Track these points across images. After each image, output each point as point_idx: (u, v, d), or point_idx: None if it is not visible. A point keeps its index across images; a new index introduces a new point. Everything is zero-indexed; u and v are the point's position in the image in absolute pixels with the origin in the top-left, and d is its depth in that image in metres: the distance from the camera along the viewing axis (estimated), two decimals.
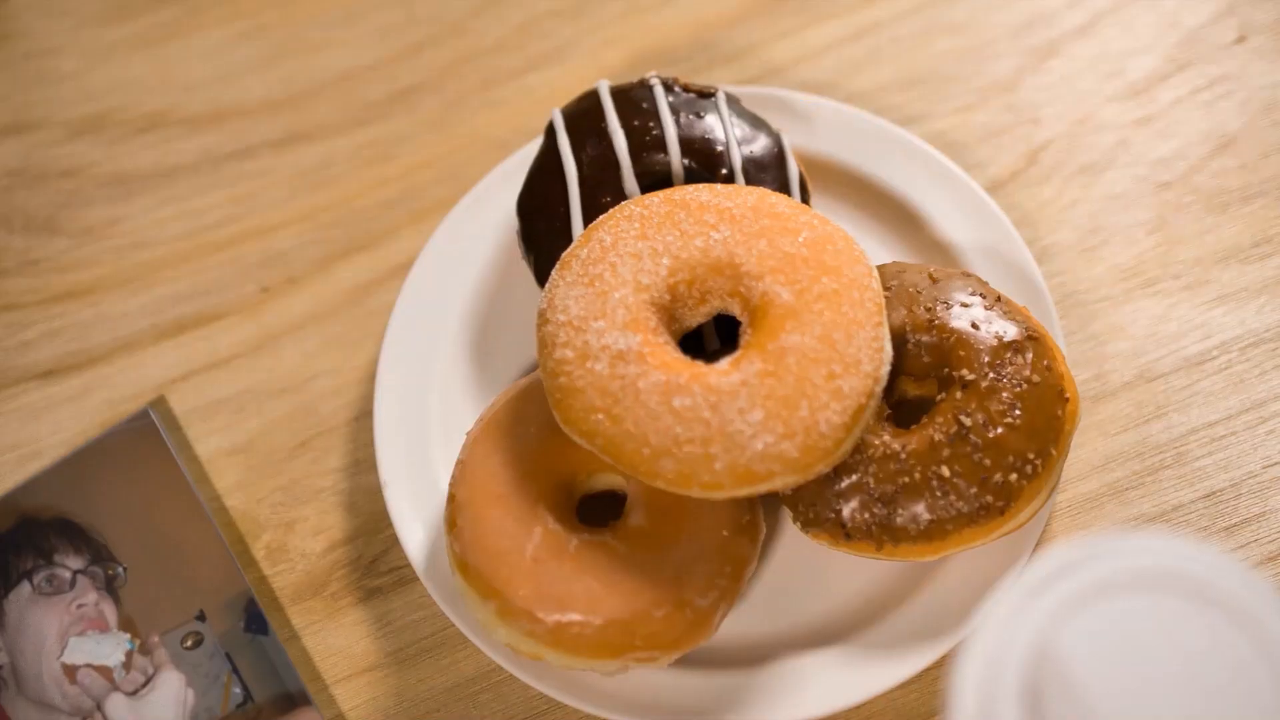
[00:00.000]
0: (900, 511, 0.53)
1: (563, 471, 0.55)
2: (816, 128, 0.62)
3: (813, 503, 0.54)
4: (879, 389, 0.52)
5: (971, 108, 0.64)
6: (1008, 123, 0.64)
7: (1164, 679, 0.38)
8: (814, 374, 0.51)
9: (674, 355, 0.53)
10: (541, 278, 0.59)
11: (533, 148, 0.63)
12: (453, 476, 0.56)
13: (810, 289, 0.52)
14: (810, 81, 0.65)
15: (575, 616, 0.52)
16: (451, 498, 0.55)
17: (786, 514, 0.57)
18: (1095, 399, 0.59)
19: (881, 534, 0.54)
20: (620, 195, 0.58)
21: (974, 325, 0.55)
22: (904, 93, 0.64)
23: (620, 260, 0.54)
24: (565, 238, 0.58)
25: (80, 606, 0.60)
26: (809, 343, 0.52)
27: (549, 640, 0.53)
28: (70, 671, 0.59)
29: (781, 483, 0.52)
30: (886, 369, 0.53)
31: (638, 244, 0.54)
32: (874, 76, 0.65)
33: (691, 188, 0.55)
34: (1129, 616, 0.39)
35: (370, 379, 0.62)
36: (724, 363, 0.52)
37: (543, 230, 0.59)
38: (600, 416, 0.52)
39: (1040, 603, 0.39)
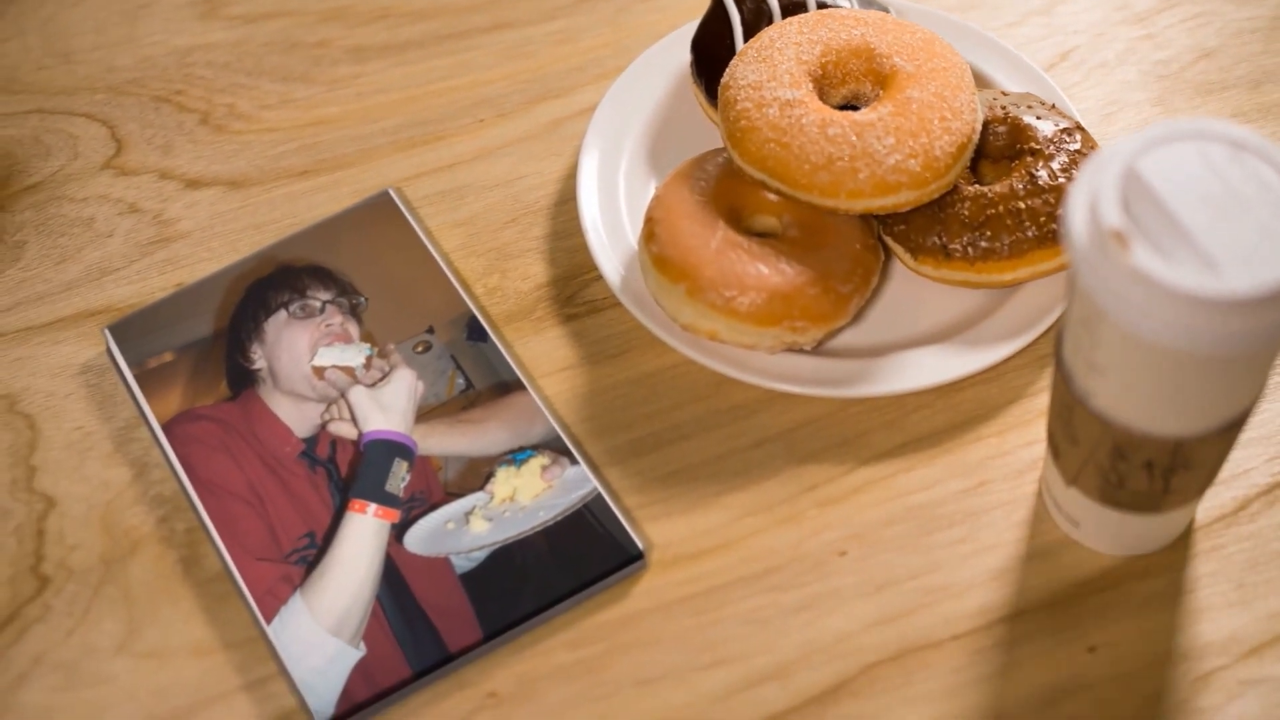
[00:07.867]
0: (988, 234, 0.71)
1: (734, 205, 0.73)
2: (909, 20, 0.83)
3: (921, 234, 0.72)
4: (975, 139, 0.71)
5: (1016, 24, 0.85)
6: (1044, 34, 0.85)
7: (1212, 191, 0.56)
8: (930, 115, 0.70)
9: (825, 105, 0.72)
10: (711, 97, 0.78)
11: (687, 30, 0.83)
12: (648, 208, 0.73)
13: (925, 64, 0.72)
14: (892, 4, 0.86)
15: (749, 290, 0.69)
16: (648, 220, 0.73)
17: (895, 266, 0.75)
18: None
19: (974, 254, 0.72)
20: None
21: (1038, 118, 0.74)
22: (964, 13, 0.86)
23: (785, 46, 0.73)
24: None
25: (328, 326, 0.76)
26: (926, 96, 0.71)
27: (726, 311, 0.70)
28: (319, 371, 0.74)
29: (906, 197, 0.70)
30: (979, 126, 0.72)
31: (797, 36, 0.73)
32: (941, 1, 0.86)
33: (835, 9, 0.75)
34: (1188, 153, 0.57)
35: (568, 178, 0.79)
36: (863, 110, 0.71)
37: (711, 60, 0.78)
38: (772, 145, 0.70)
39: (1123, 148, 0.57)
